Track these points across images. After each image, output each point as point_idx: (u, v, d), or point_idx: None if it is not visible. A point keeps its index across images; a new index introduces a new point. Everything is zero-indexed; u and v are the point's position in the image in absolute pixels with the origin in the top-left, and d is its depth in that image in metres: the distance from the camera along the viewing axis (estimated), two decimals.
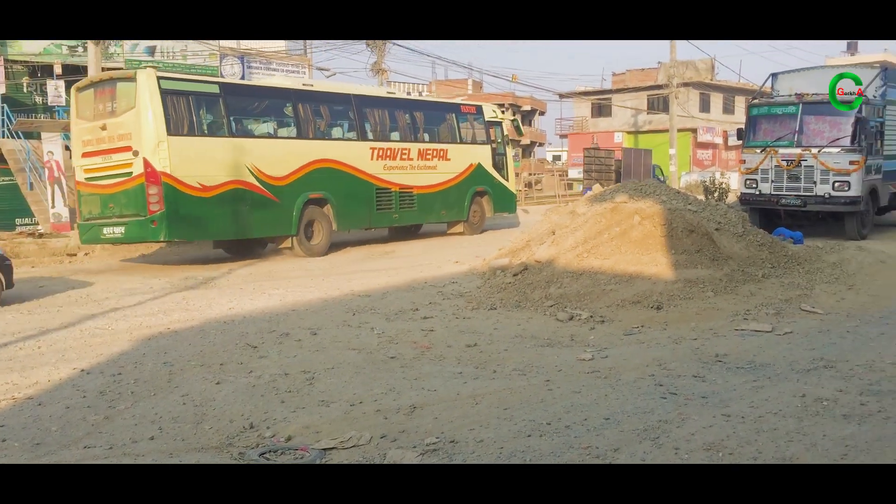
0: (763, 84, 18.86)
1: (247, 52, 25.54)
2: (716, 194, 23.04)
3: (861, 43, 56.66)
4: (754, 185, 16.81)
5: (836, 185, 15.74)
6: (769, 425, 5.19)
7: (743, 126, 17.58)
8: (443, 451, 4.97)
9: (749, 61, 70.30)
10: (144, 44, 24.87)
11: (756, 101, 17.72)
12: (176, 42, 24.53)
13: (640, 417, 5.46)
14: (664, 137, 37.47)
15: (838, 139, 15.81)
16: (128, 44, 24.70)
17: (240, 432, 5.46)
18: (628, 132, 48.65)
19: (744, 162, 17.17)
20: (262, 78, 25.33)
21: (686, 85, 40.04)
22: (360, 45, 25.93)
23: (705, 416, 5.41)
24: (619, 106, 44.89)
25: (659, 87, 41.18)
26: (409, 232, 19.40)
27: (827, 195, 15.88)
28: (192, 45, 24.67)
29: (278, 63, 26.48)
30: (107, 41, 20.25)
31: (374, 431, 5.33)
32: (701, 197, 17.53)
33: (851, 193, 15.71)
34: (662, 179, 31.54)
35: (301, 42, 27.64)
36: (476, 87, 56.29)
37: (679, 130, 39.84)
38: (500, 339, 8.14)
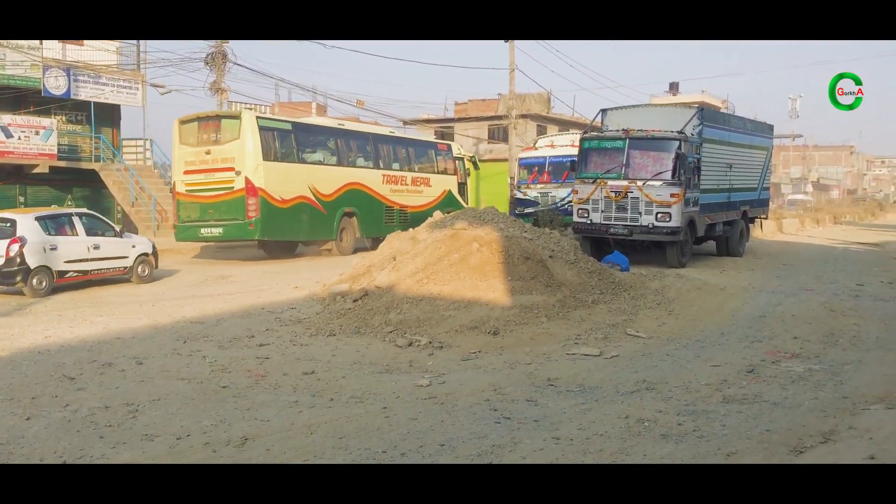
0: (594, 119, 19.88)
1: (73, 65, 24.06)
2: (551, 223, 23.98)
3: (682, 84, 61.24)
4: (586, 215, 17.61)
5: (659, 216, 16.77)
6: (595, 447, 5.40)
7: (576, 158, 18.44)
8: None
9: (582, 96, 74.68)
10: None
11: (587, 134, 18.63)
12: None
13: (474, 443, 5.53)
14: (504, 166, 38.64)
15: (661, 173, 16.87)
16: None
17: None
18: None
19: (577, 192, 17.98)
20: (89, 91, 24.38)
21: (524, 116, 41.51)
22: (198, 63, 25.12)
23: (537, 440, 5.56)
24: (461, 135, 45.92)
25: (499, 117, 42.50)
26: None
27: (651, 225, 16.87)
28: (11, 55, 22.96)
29: (108, 77, 25.10)
30: None
31: None
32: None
33: (672, 224, 16.78)
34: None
35: (134, 57, 26.36)
36: (320, 110, 55.83)
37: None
38: (339, 365, 8.03)
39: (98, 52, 25.00)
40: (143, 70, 26.66)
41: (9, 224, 13.68)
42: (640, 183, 16.85)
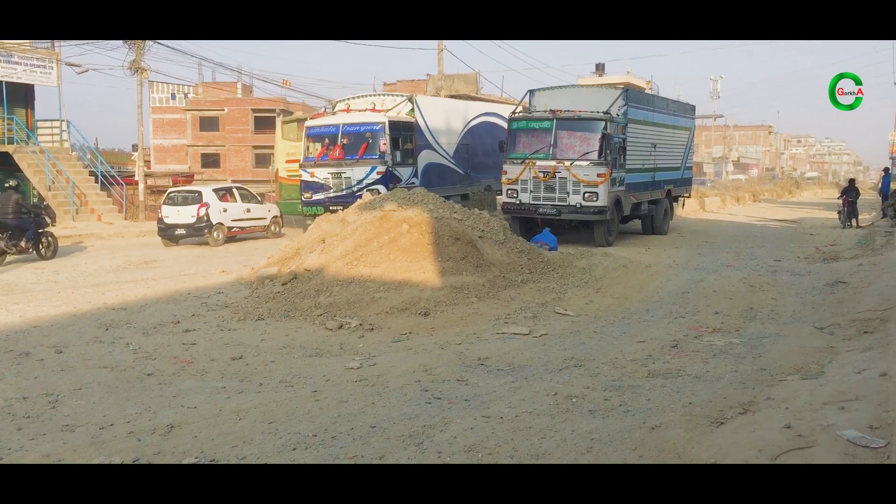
0: (522, 99, 20.02)
1: None
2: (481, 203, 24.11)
3: (608, 65, 62.11)
4: (515, 195, 17.77)
5: (586, 195, 17.04)
6: (525, 424, 5.47)
7: (504, 138, 18.55)
8: None
9: (510, 77, 74.91)
10: None
11: (515, 115, 18.75)
12: None
13: (405, 424, 5.53)
14: None
15: (587, 153, 17.12)
16: None
17: None
18: None
19: (506, 173, 18.10)
20: (0, 70, 23.44)
21: (453, 97, 41.59)
22: (116, 41, 24.31)
23: (467, 419, 5.60)
24: None
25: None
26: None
27: (578, 205, 17.13)
28: None
29: (20, 56, 24.03)
30: None
31: (126, 455, 4.96)
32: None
33: (599, 204, 17.07)
34: None
35: None
36: (246, 90, 54.80)
37: None
38: (268, 350, 7.93)
39: None
40: (57, 48, 25.62)
41: (197, 194, 19.14)
42: (567, 163, 17.07)
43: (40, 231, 15.84)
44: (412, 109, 20.28)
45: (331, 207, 18.20)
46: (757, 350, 7.75)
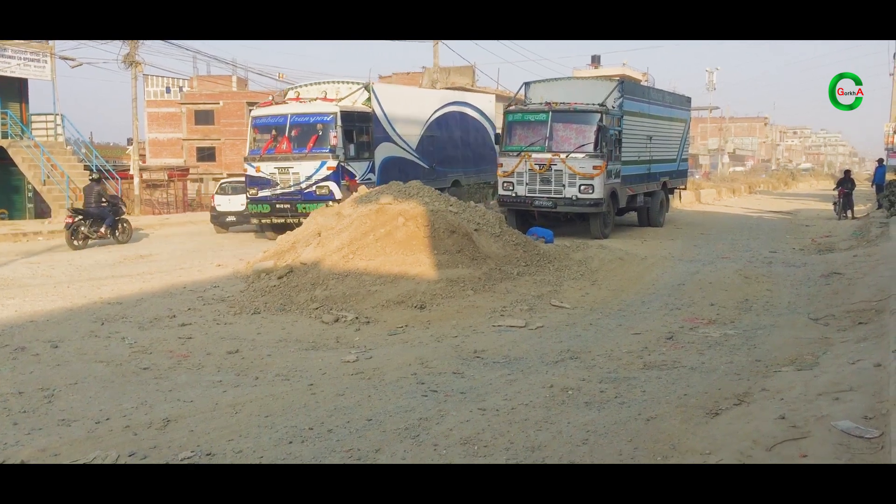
0: (517, 92, 20.01)
1: None
2: (476, 195, 24.08)
3: (604, 57, 61.99)
4: (511, 188, 17.76)
5: (582, 188, 17.04)
6: (521, 416, 5.49)
7: (500, 131, 18.53)
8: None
9: (506, 69, 75.07)
10: None
11: (511, 107, 18.73)
12: None
13: (401, 416, 5.54)
14: None
15: (583, 145, 17.12)
16: None
17: None
18: None
19: (501, 165, 18.09)
20: None
21: (449, 90, 41.53)
22: None
23: (463, 412, 5.61)
24: None
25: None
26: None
27: (574, 197, 17.14)
28: None
29: (14, 49, 23.93)
30: None
31: (122, 449, 4.96)
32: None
33: (595, 196, 17.08)
34: None
35: None
36: (241, 83, 54.68)
37: None
38: (264, 344, 7.93)
39: None
40: (51, 42, 25.51)
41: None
42: (563, 155, 17.06)
43: (117, 218, 17.68)
44: (368, 98, 18.69)
45: (277, 206, 17.38)
46: (752, 341, 7.77)
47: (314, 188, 17.05)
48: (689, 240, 18.35)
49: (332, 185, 16.94)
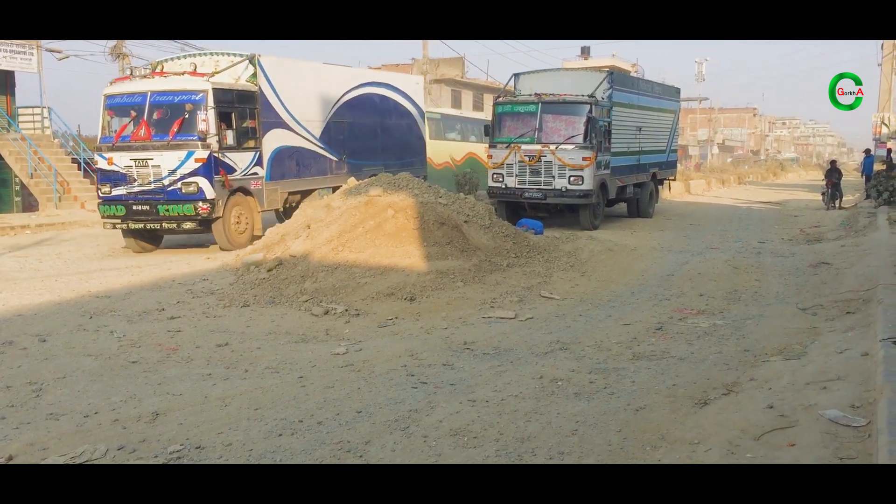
0: (507, 83, 20.00)
1: None
2: (466, 187, 24.07)
3: (593, 48, 61.88)
4: (500, 179, 17.77)
5: (572, 179, 17.07)
6: (510, 407, 5.50)
7: (490, 123, 18.52)
8: (187, 458, 4.73)
9: (495, 61, 74.73)
10: None
11: (500, 99, 18.71)
12: None
13: (391, 408, 5.55)
14: None
15: (572, 137, 17.14)
16: None
17: None
18: None
19: (491, 157, 18.09)
20: None
21: (438, 81, 41.40)
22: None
23: (453, 403, 5.62)
24: None
25: None
26: None
27: (564, 189, 17.16)
28: None
29: None
30: None
31: (111, 443, 4.94)
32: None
33: (584, 187, 17.11)
34: None
35: None
36: None
37: None
38: (253, 336, 7.91)
39: None
40: None
41: None
42: (552, 147, 17.08)
43: None
44: (254, 74, 15.18)
45: (134, 207, 14.02)
46: (741, 331, 7.81)
47: (179, 185, 13.82)
48: (679, 230, 18.41)
49: (203, 182, 13.81)
